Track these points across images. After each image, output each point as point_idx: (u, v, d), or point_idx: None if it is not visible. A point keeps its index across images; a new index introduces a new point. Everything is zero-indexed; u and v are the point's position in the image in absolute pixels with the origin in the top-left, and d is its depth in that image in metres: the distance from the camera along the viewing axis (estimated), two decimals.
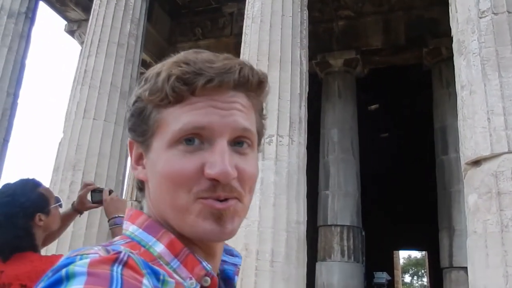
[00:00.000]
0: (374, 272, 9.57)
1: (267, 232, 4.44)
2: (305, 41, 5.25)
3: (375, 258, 13.36)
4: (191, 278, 0.52)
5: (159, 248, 0.52)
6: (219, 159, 0.51)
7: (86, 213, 5.61)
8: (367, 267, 10.80)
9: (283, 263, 4.45)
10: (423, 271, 32.92)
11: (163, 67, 0.55)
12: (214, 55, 0.56)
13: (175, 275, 0.51)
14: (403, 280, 34.37)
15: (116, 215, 1.75)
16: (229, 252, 0.64)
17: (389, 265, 16.09)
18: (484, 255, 3.90)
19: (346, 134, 8.02)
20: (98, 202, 1.82)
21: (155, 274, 0.48)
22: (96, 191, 1.84)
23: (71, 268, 0.43)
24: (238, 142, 0.54)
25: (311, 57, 8.31)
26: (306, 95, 5.09)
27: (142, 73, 7.90)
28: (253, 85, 0.56)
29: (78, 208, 1.90)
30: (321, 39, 8.33)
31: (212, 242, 0.55)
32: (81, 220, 5.16)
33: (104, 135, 5.44)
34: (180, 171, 0.51)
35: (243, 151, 0.54)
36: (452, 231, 7.18)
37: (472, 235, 4.11)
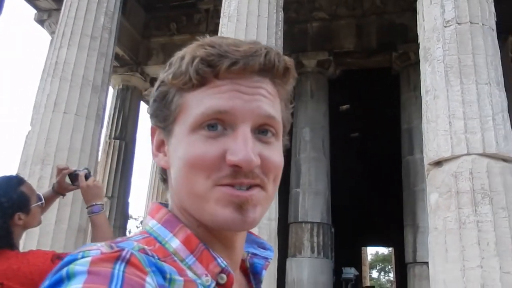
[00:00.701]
0: (343, 268, 9.82)
1: None
2: (280, 42, 5.36)
3: (344, 254, 13.66)
4: (206, 275, 0.50)
5: (175, 244, 0.51)
6: (242, 146, 0.49)
7: (55, 206, 5.51)
8: (336, 263, 11.06)
9: None
10: (389, 266, 33.78)
11: (188, 49, 0.53)
12: (240, 40, 0.54)
13: (188, 272, 0.49)
14: (370, 276, 35.21)
15: (94, 203, 1.74)
16: (261, 245, 0.61)
17: (357, 261, 16.49)
18: (443, 251, 4.13)
19: (318, 133, 8.20)
20: (77, 184, 1.79)
21: (161, 273, 0.46)
22: (73, 175, 1.80)
23: (72, 267, 0.42)
24: (262, 131, 0.52)
25: None
26: None
27: (114, 66, 7.81)
28: (279, 71, 0.53)
29: (59, 191, 1.86)
30: (295, 39, 8.47)
31: (233, 231, 0.52)
32: (51, 215, 5.11)
33: (75, 129, 5.38)
34: (201, 157, 0.50)
35: (267, 139, 0.52)
36: (416, 228, 7.46)
37: (433, 231, 4.34)
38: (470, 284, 3.86)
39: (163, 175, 0.58)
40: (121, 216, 8.83)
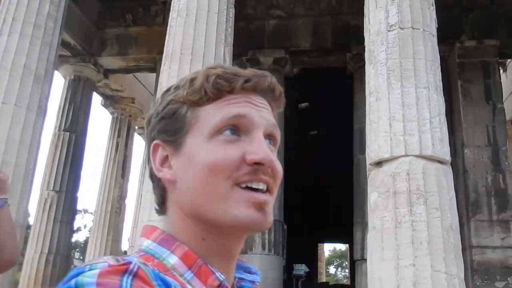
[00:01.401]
0: (294, 265, 9.95)
1: None
2: (230, 39, 5.33)
3: (299, 251, 13.85)
4: None
5: (173, 260, 0.53)
6: (261, 146, 0.54)
7: None
8: (291, 260, 11.19)
9: None
10: (346, 262, 34.57)
11: (197, 74, 0.59)
12: (240, 68, 0.61)
13: (188, 286, 0.51)
14: (328, 272, 35.91)
15: None
16: (247, 269, 0.63)
17: (312, 258, 16.76)
18: (380, 249, 4.24)
19: None
20: None
21: (166, 286, 0.48)
22: None
23: (80, 279, 0.43)
24: (269, 140, 0.58)
25: (242, 53, 8.43)
26: None
27: (65, 56, 7.54)
28: (276, 93, 0.61)
29: None
30: (253, 36, 8.46)
31: (254, 231, 0.56)
32: None
33: (14, 120, 5.17)
34: (222, 159, 0.53)
35: (272, 147, 0.58)
36: (364, 225, 7.63)
37: (372, 230, 4.45)
38: (403, 282, 3.99)
39: (161, 195, 0.60)
40: (69, 211, 8.57)
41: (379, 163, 4.51)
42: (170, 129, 0.58)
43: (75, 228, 27.07)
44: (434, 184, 4.22)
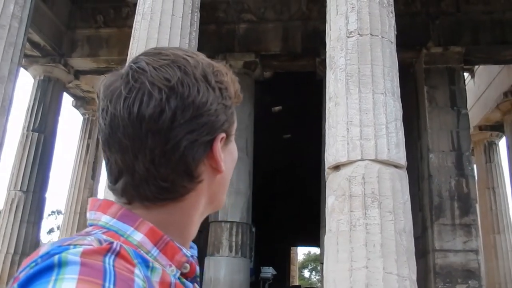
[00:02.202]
0: (261, 267, 10.01)
1: None
2: (194, 43, 5.36)
3: (271, 254, 13.92)
4: (170, 266, 0.53)
5: (138, 237, 0.52)
6: None
7: None
8: (263, 263, 11.25)
9: None
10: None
11: (227, 72, 0.62)
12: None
13: (155, 264, 0.51)
14: (302, 275, 36.08)
15: None
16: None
17: (286, 261, 16.84)
18: (335, 251, 4.33)
19: (241, 134, 8.29)
20: None
21: (145, 263, 0.49)
22: None
23: (64, 255, 0.42)
24: None
25: (212, 56, 8.39)
26: None
27: (34, 56, 7.48)
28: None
29: None
30: (223, 40, 8.52)
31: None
32: None
33: None
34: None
35: None
36: None
37: (328, 233, 4.53)
38: (356, 284, 4.08)
39: (179, 194, 0.57)
40: (36, 211, 8.47)
41: (336, 167, 4.60)
42: (231, 122, 0.61)
43: (48, 230, 26.58)
44: (389, 188, 4.33)
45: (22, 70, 8.56)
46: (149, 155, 0.54)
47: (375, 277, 4.04)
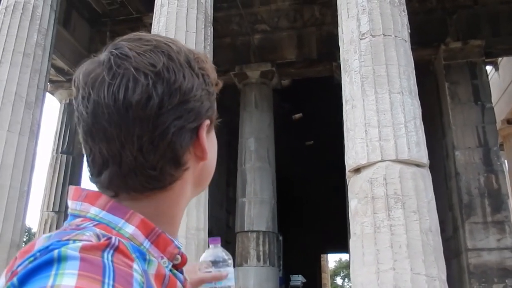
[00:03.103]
0: (290, 275, 9.96)
1: None
2: (209, 56, 5.46)
3: (301, 262, 13.82)
4: (162, 258, 0.53)
5: (130, 229, 0.51)
6: None
7: None
8: (290, 271, 11.19)
9: None
10: None
11: (206, 59, 0.61)
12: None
13: (151, 256, 0.51)
14: (335, 283, 35.51)
15: None
16: None
17: (316, 269, 16.66)
18: (361, 254, 4.29)
19: (262, 143, 8.34)
20: None
21: (142, 256, 0.49)
22: None
23: (64, 250, 0.42)
24: None
25: (229, 69, 8.60)
26: None
27: (59, 81, 7.77)
28: None
29: None
30: (239, 51, 8.63)
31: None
32: None
33: (7, 145, 5.35)
34: None
35: None
36: None
37: (353, 236, 4.50)
38: (384, 286, 4.02)
39: (165, 183, 0.56)
40: None
41: (357, 170, 4.58)
42: (214, 108, 0.59)
43: None
44: (411, 187, 4.28)
45: (48, 95, 8.89)
46: (137, 143, 0.52)
47: (403, 278, 3.98)
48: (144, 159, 0.53)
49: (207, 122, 0.58)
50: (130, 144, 0.52)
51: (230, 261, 0.83)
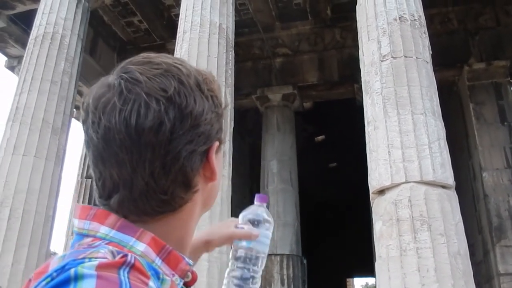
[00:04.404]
0: None
1: None
2: (231, 80, 5.56)
3: (326, 286, 13.53)
4: (173, 275, 0.53)
5: (141, 247, 0.51)
6: None
7: (12, 248, 5.50)
8: None
9: None
10: None
11: (214, 79, 0.61)
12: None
13: (165, 275, 0.51)
14: None
15: None
16: None
17: None
18: (387, 278, 4.19)
19: (285, 165, 8.33)
20: None
21: (157, 274, 0.49)
22: None
23: (80, 269, 0.42)
24: None
25: (251, 92, 8.69)
26: (231, 130, 5.35)
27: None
28: None
29: None
30: (260, 75, 8.74)
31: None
32: (8, 257, 5.14)
33: (34, 170, 5.49)
34: None
35: None
36: None
37: (378, 259, 4.40)
38: None
39: (177, 204, 0.56)
40: None
41: (381, 191, 4.52)
42: (222, 129, 0.60)
43: None
44: (438, 209, 4.18)
45: (74, 121, 9.14)
46: (148, 168, 0.52)
47: None
48: (156, 183, 0.53)
49: (217, 144, 0.58)
50: (141, 169, 0.52)
51: (270, 225, 0.73)
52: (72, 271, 0.42)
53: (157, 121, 0.52)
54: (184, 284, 0.56)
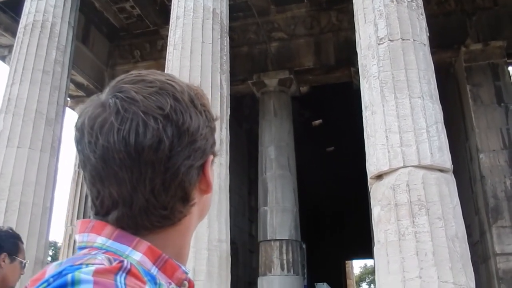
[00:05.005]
0: (316, 284, 9.84)
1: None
2: (226, 66, 5.48)
3: (325, 269, 13.66)
4: (170, 283, 0.53)
5: (137, 256, 0.52)
6: None
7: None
8: (315, 279, 11.06)
9: (205, 281, 4.59)
10: None
11: (204, 96, 0.62)
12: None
13: (161, 280, 0.52)
14: None
15: None
16: None
17: (341, 276, 16.44)
18: (385, 263, 4.20)
19: (283, 151, 8.31)
20: None
21: (153, 280, 0.50)
22: None
23: (77, 274, 0.43)
24: None
25: (247, 78, 8.61)
26: (228, 117, 5.30)
27: (80, 96, 7.91)
28: None
29: None
30: (256, 60, 8.64)
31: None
32: None
33: (29, 162, 5.44)
34: None
35: None
36: None
37: (377, 244, 4.42)
38: None
39: (176, 218, 0.57)
40: None
41: (379, 176, 4.50)
42: (215, 143, 0.61)
43: None
44: (436, 193, 4.18)
45: (69, 110, 9.06)
46: (149, 185, 0.53)
47: (430, 287, 3.88)
48: (156, 200, 0.54)
49: (211, 157, 0.60)
50: (142, 187, 0.53)
51: None
52: (69, 276, 0.43)
53: (156, 139, 0.52)
54: None
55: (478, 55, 8.15)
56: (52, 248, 25.15)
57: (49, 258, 22.20)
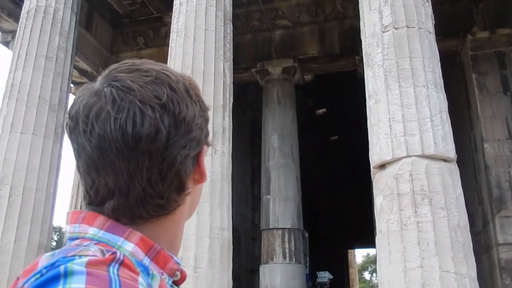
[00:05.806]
0: (317, 272, 9.90)
1: (190, 239, 4.58)
2: (229, 54, 5.44)
3: (327, 258, 13.72)
4: (162, 274, 0.54)
5: (130, 247, 0.52)
6: None
7: (14, 225, 5.54)
8: (318, 268, 11.12)
9: (207, 268, 4.61)
10: None
11: (195, 86, 0.61)
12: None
13: (154, 271, 0.52)
14: (363, 278, 35.19)
15: None
16: None
17: (343, 264, 16.52)
18: (387, 252, 4.21)
19: (286, 140, 8.29)
20: None
21: (146, 270, 0.50)
22: None
23: (70, 265, 0.43)
24: None
25: (251, 65, 8.56)
26: (231, 105, 5.27)
27: (83, 83, 7.93)
28: None
29: None
30: (260, 48, 8.58)
31: None
32: (10, 234, 5.17)
33: (32, 148, 5.46)
34: None
35: None
36: None
37: (379, 234, 4.41)
38: (411, 284, 3.93)
39: (170, 207, 0.57)
40: None
41: (382, 166, 4.49)
42: (209, 133, 0.62)
43: None
44: (439, 183, 4.16)
45: (72, 96, 9.05)
46: (146, 175, 0.53)
47: (431, 276, 3.88)
48: (153, 189, 0.54)
49: (205, 147, 0.60)
50: (139, 176, 0.53)
51: None
52: (62, 267, 0.43)
53: (154, 129, 0.52)
54: (174, 282, 0.57)
55: (484, 43, 8.05)
56: (57, 233, 25.39)
57: (54, 243, 22.40)
